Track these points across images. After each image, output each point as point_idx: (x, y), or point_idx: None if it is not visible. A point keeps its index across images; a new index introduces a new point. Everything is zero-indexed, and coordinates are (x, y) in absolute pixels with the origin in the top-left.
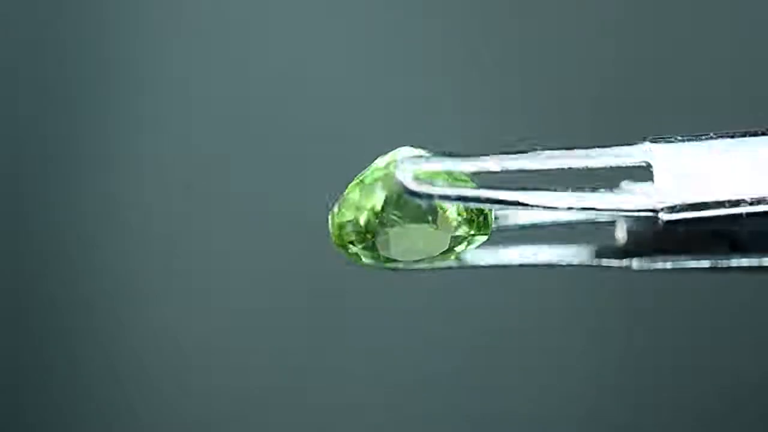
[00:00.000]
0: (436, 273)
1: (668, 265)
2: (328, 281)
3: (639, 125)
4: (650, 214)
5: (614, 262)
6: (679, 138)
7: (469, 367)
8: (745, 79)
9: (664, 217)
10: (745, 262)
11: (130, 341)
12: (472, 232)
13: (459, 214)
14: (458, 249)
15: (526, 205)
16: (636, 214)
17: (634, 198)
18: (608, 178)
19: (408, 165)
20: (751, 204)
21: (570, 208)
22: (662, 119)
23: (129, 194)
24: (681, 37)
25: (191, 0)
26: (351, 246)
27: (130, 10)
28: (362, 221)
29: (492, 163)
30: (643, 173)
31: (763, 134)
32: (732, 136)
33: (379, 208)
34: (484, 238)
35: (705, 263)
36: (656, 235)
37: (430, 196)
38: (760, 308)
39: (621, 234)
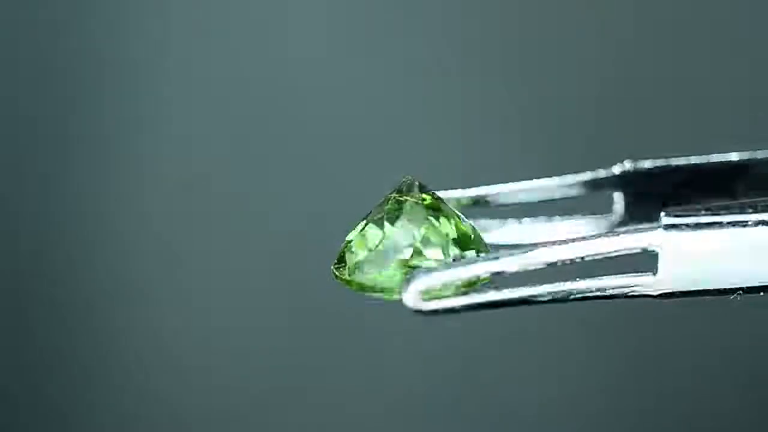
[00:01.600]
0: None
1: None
2: (328, 281)
3: (638, 133)
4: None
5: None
6: (697, 213)
7: (470, 369)
8: (745, 79)
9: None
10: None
11: (130, 341)
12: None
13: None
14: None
15: (535, 302)
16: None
17: (633, 281)
18: (610, 158)
19: (415, 285)
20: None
21: (578, 297)
22: (660, 126)
23: (129, 194)
24: (680, 39)
25: (191, 0)
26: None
27: (130, 10)
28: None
29: (506, 264)
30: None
31: None
32: (744, 211)
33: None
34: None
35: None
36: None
37: (436, 311)
38: (761, 310)
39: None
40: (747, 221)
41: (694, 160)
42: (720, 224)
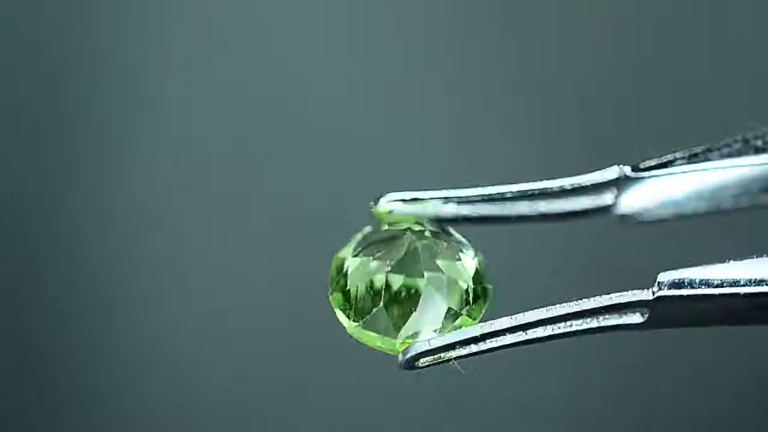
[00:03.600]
0: None
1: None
2: (327, 281)
3: (638, 133)
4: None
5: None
6: (693, 270)
7: (469, 369)
8: (745, 79)
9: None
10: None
11: (130, 342)
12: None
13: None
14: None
15: (524, 344)
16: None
17: (622, 320)
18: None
19: (412, 351)
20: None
21: (567, 335)
22: (660, 126)
23: (129, 194)
24: (680, 39)
25: (192, 0)
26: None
27: (130, 9)
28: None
29: (500, 327)
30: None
31: None
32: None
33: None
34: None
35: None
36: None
37: (433, 364)
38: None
39: None
40: (741, 281)
41: (693, 167)
42: (717, 284)
